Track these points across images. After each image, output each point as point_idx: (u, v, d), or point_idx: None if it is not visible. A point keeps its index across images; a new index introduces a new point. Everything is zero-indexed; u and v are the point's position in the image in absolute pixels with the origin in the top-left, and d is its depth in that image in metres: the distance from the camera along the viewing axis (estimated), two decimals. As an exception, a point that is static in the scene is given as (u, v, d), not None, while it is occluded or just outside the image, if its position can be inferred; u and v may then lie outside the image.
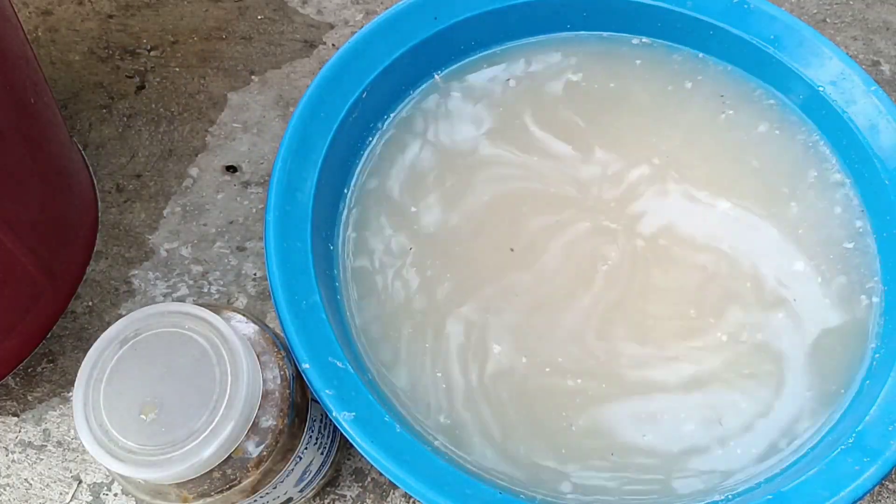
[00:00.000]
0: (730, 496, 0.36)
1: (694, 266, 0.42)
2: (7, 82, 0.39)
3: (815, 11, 0.58)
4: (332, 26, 0.58)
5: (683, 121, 0.46)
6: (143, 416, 0.31)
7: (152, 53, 0.57)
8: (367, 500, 0.43)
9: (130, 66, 0.56)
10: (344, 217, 0.43)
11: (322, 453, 0.38)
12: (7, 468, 0.44)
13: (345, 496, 0.43)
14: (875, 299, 0.41)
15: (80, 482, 0.44)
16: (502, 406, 0.38)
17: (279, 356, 0.35)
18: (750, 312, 0.41)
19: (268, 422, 0.33)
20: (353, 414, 0.34)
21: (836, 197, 0.44)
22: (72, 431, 0.45)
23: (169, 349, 0.32)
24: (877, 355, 0.39)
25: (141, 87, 0.56)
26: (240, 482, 0.33)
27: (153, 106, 0.55)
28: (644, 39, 0.47)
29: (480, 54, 0.47)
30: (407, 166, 0.44)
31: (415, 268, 0.42)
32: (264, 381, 0.33)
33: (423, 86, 0.46)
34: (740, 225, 0.43)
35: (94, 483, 0.44)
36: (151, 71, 0.56)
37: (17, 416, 0.46)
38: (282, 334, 0.36)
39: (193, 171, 0.53)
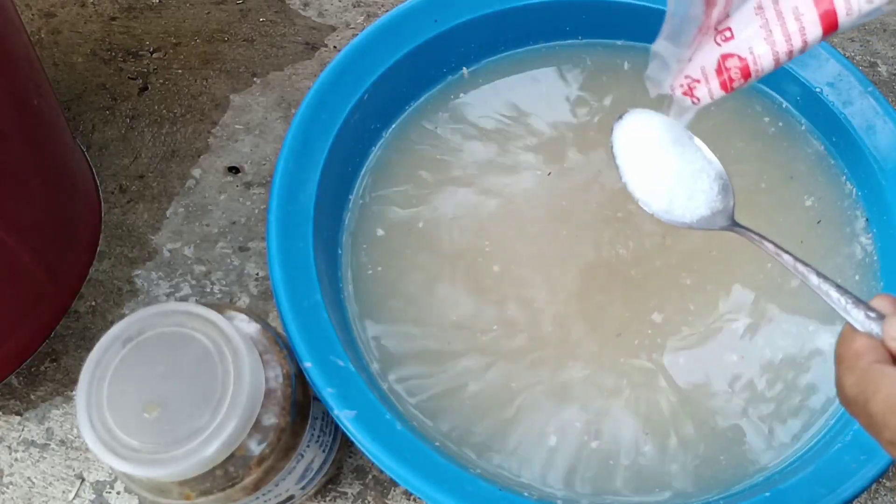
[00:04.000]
0: (729, 493, 0.36)
1: (707, 256, 0.42)
2: (10, 84, 0.39)
3: (813, 13, 0.59)
4: (333, 29, 0.59)
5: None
6: (146, 415, 0.31)
7: (155, 55, 0.57)
8: (369, 498, 0.44)
9: (133, 68, 0.57)
10: (345, 217, 0.43)
11: (323, 451, 0.38)
12: (10, 466, 0.45)
13: (346, 493, 0.44)
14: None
15: (83, 480, 0.44)
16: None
17: (281, 355, 0.35)
18: (750, 305, 0.41)
19: (270, 420, 0.33)
20: (355, 412, 0.34)
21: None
22: (75, 430, 0.46)
23: (172, 348, 0.32)
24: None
25: (144, 89, 0.56)
26: (242, 480, 0.33)
27: (156, 107, 0.55)
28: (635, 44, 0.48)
29: (482, 56, 0.47)
30: (409, 167, 0.45)
31: (417, 265, 0.42)
32: (266, 379, 0.33)
33: (424, 87, 0.47)
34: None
35: (97, 481, 0.44)
36: (154, 73, 0.56)
37: (21, 414, 0.46)
38: (284, 333, 0.36)
39: (196, 171, 0.53)
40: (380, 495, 0.44)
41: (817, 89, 0.44)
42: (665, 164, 0.35)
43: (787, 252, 0.31)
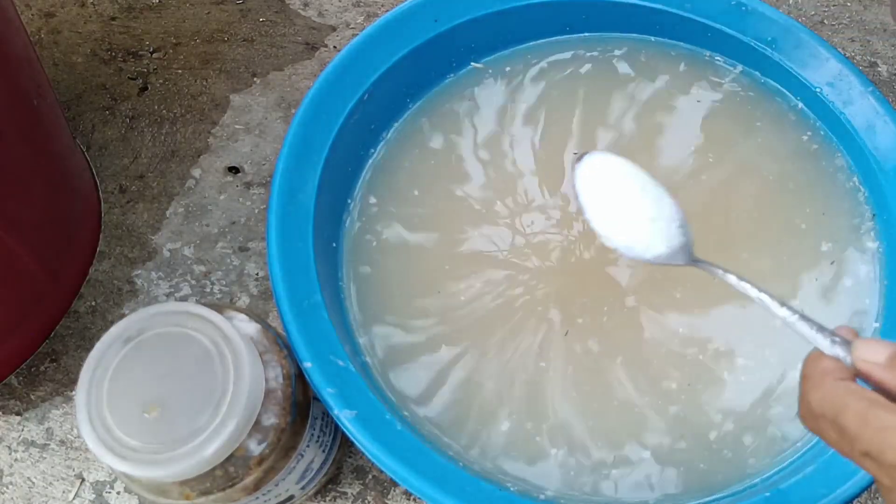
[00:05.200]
0: (728, 493, 0.36)
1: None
2: (10, 84, 0.39)
3: (812, 13, 0.59)
4: (333, 29, 0.59)
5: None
6: (146, 415, 0.31)
7: (155, 55, 0.57)
8: (368, 498, 0.44)
9: (133, 68, 0.57)
10: (345, 217, 0.43)
11: (323, 451, 0.38)
12: (10, 467, 0.45)
13: (346, 493, 0.44)
14: (869, 299, 0.42)
15: (83, 480, 0.44)
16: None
17: (281, 355, 0.35)
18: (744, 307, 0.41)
19: (270, 420, 0.33)
20: (355, 412, 0.34)
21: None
22: (75, 430, 0.46)
23: (172, 348, 0.32)
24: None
25: (143, 89, 0.56)
26: (242, 480, 0.33)
27: (156, 107, 0.55)
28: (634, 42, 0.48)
29: (482, 60, 0.47)
30: (408, 167, 0.45)
31: (416, 264, 0.42)
32: (266, 379, 0.34)
33: (425, 88, 0.47)
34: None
35: (97, 481, 0.44)
36: (154, 73, 0.56)
37: (20, 415, 0.46)
38: (284, 333, 0.36)
39: (196, 171, 0.53)
40: (380, 495, 0.44)
41: (817, 89, 0.44)
42: (624, 205, 0.36)
43: (751, 283, 0.31)
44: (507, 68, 0.47)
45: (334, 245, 0.42)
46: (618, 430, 0.38)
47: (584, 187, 0.37)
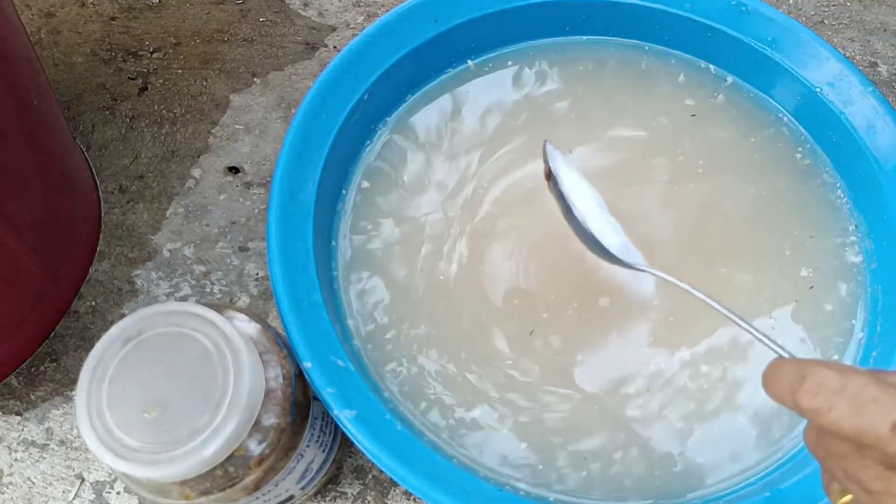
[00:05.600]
0: (728, 493, 0.36)
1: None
2: (10, 84, 0.39)
3: (812, 13, 0.59)
4: (333, 29, 0.59)
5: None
6: (145, 415, 0.31)
7: (155, 55, 0.57)
8: (368, 498, 0.44)
9: (133, 68, 0.57)
10: (345, 217, 0.43)
11: (323, 451, 0.38)
12: (10, 467, 0.45)
13: (346, 493, 0.44)
14: (867, 299, 0.42)
15: (83, 480, 0.44)
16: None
17: (281, 355, 0.35)
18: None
19: (270, 420, 0.33)
20: (354, 412, 0.34)
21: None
22: (75, 430, 0.46)
23: (172, 348, 0.32)
24: (874, 353, 0.40)
25: (143, 89, 0.56)
26: (242, 480, 0.33)
27: (156, 107, 0.55)
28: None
29: (482, 58, 0.47)
30: (407, 166, 0.45)
31: (416, 264, 0.42)
32: (266, 379, 0.33)
33: (424, 87, 0.47)
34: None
35: (97, 481, 0.44)
36: (154, 73, 0.56)
37: (20, 415, 0.46)
38: (283, 333, 0.36)
39: (196, 171, 0.53)
40: (380, 495, 0.44)
41: (817, 89, 0.44)
42: (594, 202, 0.38)
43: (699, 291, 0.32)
44: (502, 68, 0.47)
45: (333, 244, 0.42)
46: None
47: (561, 171, 0.38)
